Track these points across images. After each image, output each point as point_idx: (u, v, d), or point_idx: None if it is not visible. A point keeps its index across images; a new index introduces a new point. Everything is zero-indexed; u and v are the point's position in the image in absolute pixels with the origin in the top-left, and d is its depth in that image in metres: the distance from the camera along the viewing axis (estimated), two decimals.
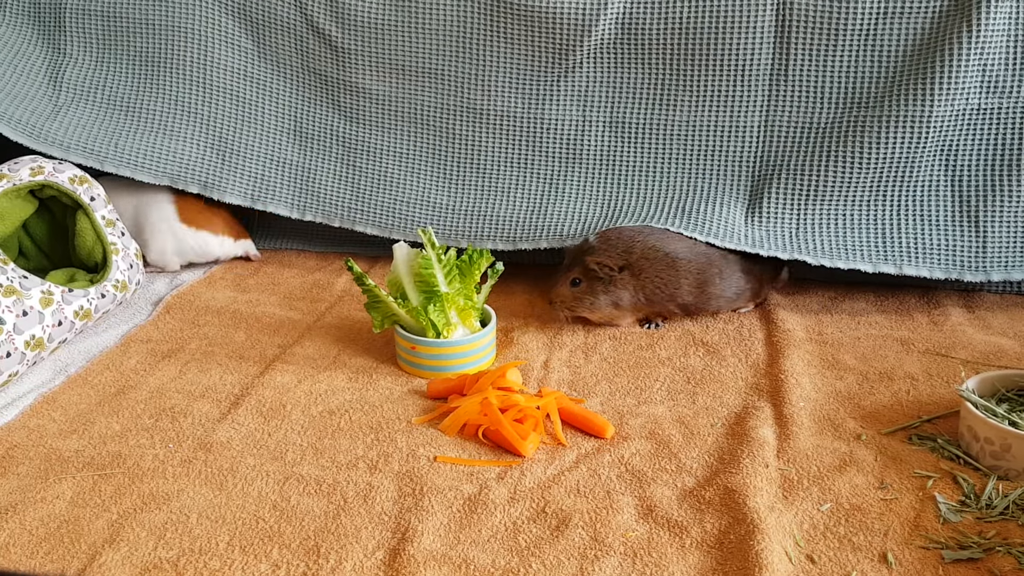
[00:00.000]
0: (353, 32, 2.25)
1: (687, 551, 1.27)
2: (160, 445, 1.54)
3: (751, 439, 1.52)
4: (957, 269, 2.05)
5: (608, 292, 1.90)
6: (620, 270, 1.88)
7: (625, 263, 1.88)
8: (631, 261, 1.89)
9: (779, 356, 1.83)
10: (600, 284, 1.90)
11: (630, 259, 1.89)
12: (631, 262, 1.89)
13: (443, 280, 1.78)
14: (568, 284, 1.91)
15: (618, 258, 1.88)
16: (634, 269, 1.89)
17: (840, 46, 2.04)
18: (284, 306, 2.14)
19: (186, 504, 1.37)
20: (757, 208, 2.15)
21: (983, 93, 2.02)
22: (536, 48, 2.18)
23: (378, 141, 2.33)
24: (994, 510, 1.34)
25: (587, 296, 1.91)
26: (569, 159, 2.25)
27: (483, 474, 1.45)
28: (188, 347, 1.92)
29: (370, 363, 1.85)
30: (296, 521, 1.33)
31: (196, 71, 2.31)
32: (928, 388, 1.71)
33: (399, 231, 2.29)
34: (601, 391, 1.73)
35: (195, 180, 2.30)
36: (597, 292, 1.90)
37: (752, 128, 2.13)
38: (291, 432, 1.58)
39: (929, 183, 2.09)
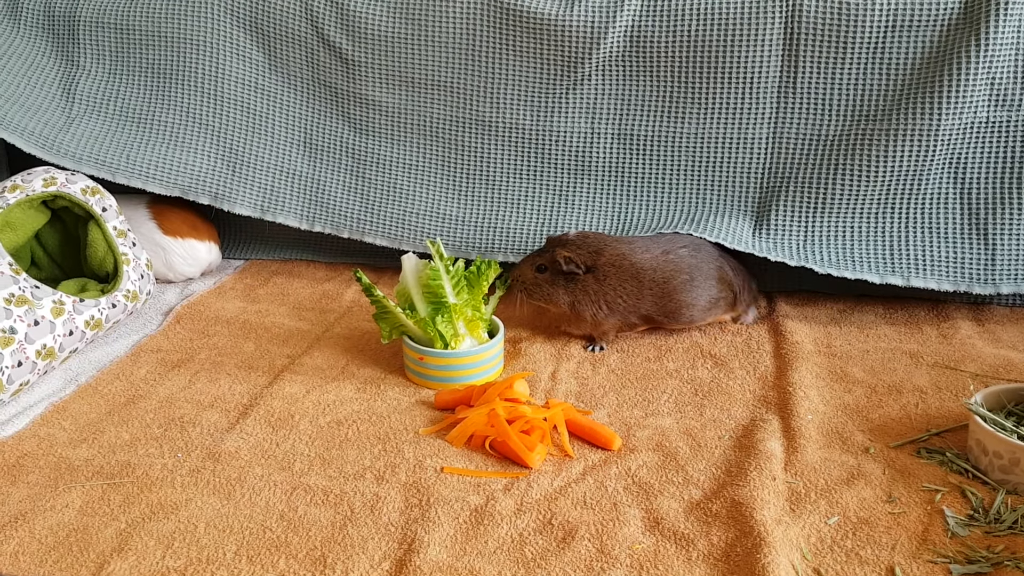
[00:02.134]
0: (363, 44, 2.27)
1: (694, 564, 1.26)
2: (169, 454, 1.55)
3: (758, 452, 1.51)
4: (966, 282, 2.05)
5: (569, 290, 1.87)
6: (587, 270, 1.86)
7: (593, 264, 1.86)
8: (598, 264, 1.86)
9: (787, 368, 1.83)
10: (563, 279, 1.87)
11: (597, 261, 1.86)
12: (598, 265, 1.86)
13: (451, 291, 1.78)
14: (533, 268, 1.88)
15: (587, 257, 1.86)
16: (599, 273, 1.86)
17: (848, 59, 2.04)
18: (293, 316, 2.15)
19: (194, 513, 1.38)
20: (765, 220, 2.16)
21: (992, 106, 2.01)
22: (545, 60, 2.19)
23: (388, 153, 2.35)
24: (1003, 524, 1.33)
25: (547, 286, 1.88)
26: (578, 171, 2.26)
27: (490, 485, 1.45)
28: (198, 357, 1.93)
29: (378, 374, 1.85)
30: (303, 531, 1.34)
31: (207, 83, 2.33)
32: (937, 401, 1.71)
33: (409, 242, 2.30)
34: (608, 403, 1.73)
35: (206, 191, 2.31)
36: (558, 285, 1.87)
37: (760, 140, 2.14)
38: (299, 442, 1.59)
39: (938, 195, 2.09)
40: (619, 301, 1.88)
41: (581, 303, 1.88)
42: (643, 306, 1.89)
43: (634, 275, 1.87)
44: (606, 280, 1.86)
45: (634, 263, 1.87)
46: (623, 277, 1.87)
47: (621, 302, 1.88)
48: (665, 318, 1.93)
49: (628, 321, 1.92)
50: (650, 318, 1.92)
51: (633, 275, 1.87)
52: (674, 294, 1.90)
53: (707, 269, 1.93)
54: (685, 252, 1.92)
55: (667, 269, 1.89)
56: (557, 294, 1.88)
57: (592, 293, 1.87)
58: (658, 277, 1.88)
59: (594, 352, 1.93)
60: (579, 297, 1.87)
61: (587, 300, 1.87)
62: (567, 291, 1.88)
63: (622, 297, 1.87)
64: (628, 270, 1.87)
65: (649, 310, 1.90)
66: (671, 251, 1.91)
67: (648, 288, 1.88)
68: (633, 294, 1.88)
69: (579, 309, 1.89)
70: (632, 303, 1.88)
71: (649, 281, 1.88)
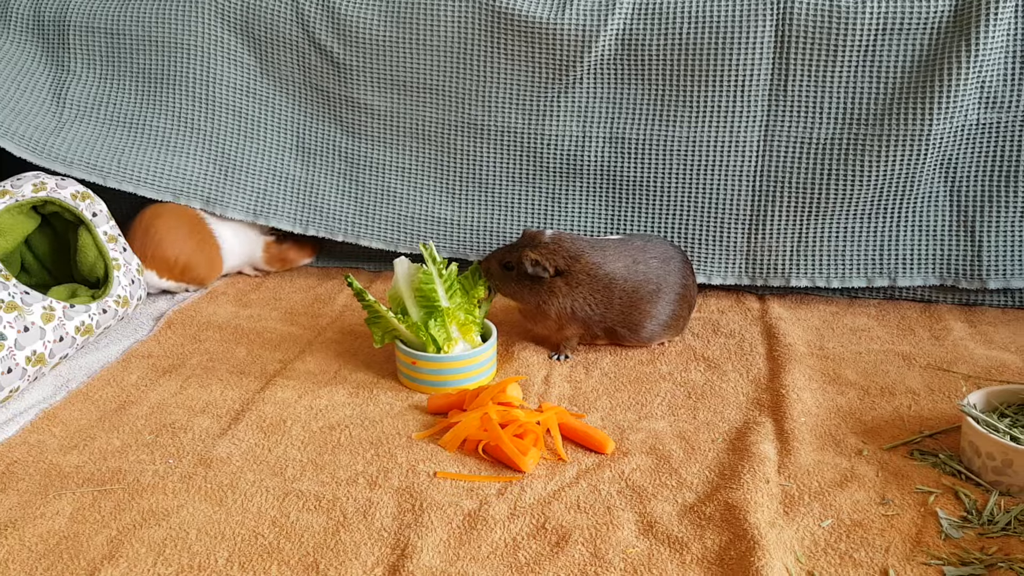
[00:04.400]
0: (355, 48, 2.26)
1: (687, 568, 1.26)
2: (160, 461, 1.54)
3: (752, 454, 1.51)
4: (952, 277, 2.08)
5: (535, 291, 1.84)
6: (556, 273, 1.82)
7: (566, 269, 1.82)
8: (572, 270, 1.83)
9: (780, 371, 1.83)
10: (528, 279, 1.83)
11: (572, 268, 1.83)
12: (572, 271, 1.83)
13: (444, 295, 1.78)
14: (500, 264, 1.85)
15: (560, 262, 1.82)
16: (571, 279, 1.83)
17: (839, 62, 2.05)
18: (285, 321, 2.15)
19: (186, 520, 1.37)
20: (759, 225, 2.17)
21: (982, 108, 2.02)
22: (537, 64, 2.19)
23: (381, 156, 2.34)
24: (996, 526, 1.33)
25: (513, 283, 1.84)
26: (570, 174, 2.26)
27: (483, 490, 1.45)
28: (189, 362, 1.93)
29: (371, 378, 1.85)
30: (295, 537, 1.33)
31: (199, 87, 2.32)
32: (930, 403, 1.71)
33: (405, 245, 2.30)
34: (602, 406, 1.73)
35: (198, 195, 2.31)
36: (524, 286, 1.84)
37: (752, 144, 2.14)
38: (291, 448, 1.58)
39: (929, 196, 2.10)
40: (587, 309, 1.85)
41: (547, 303, 1.84)
42: (610, 316, 1.87)
43: (606, 285, 1.85)
44: (578, 287, 1.83)
45: (607, 273, 1.84)
46: (595, 287, 1.84)
47: (589, 310, 1.85)
48: (627, 331, 1.90)
49: (591, 331, 1.90)
50: (612, 331, 1.90)
51: (605, 285, 1.84)
52: (640, 304, 1.87)
53: (672, 283, 1.91)
54: (655, 263, 1.89)
55: (636, 279, 1.86)
56: (522, 293, 1.85)
57: (561, 295, 1.83)
58: (627, 287, 1.86)
59: (559, 361, 1.92)
60: (544, 298, 1.84)
61: (554, 301, 1.84)
62: (532, 291, 1.84)
63: (591, 306, 1.85)
64: (601, 280, 1.84)
65: (615, 321, 1.88)
66: (641, 261, 1.88)
67: (618, 298, 1.86)
68: (603, 303, 1.85)
69: (545, 308, 1.85)
70: (600, 312, 1.86)
71: (619, 291, 1.86)
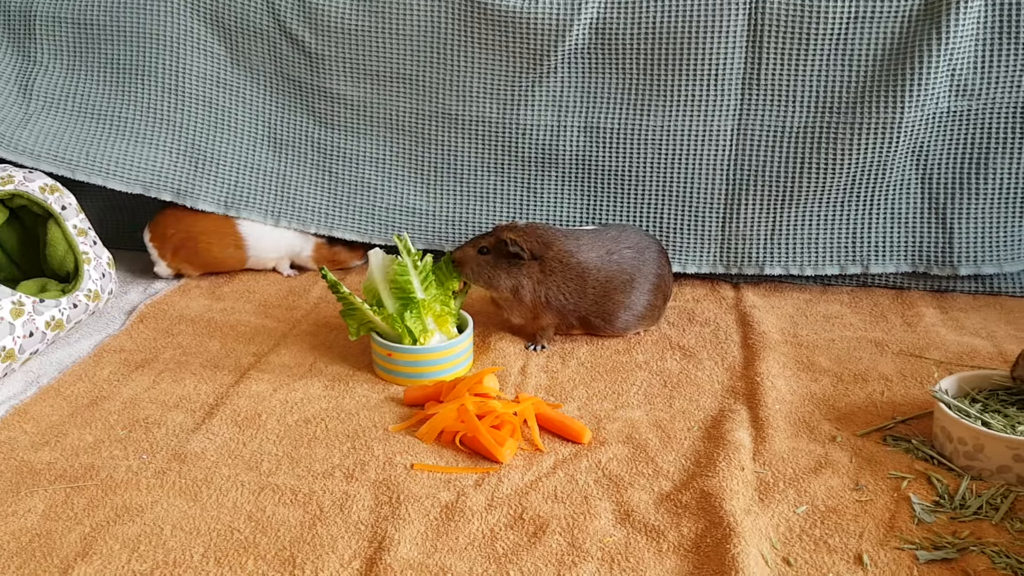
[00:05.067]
0: (326, 38, 2.24)
1: (664, 556, 1.27)
2: (134, 456, 1.52)
3: (727, 442, 1.52)
4: (924, 264, 2.11)
5: (512, 274, 1.83)
6: (532, 257, 1.82)
7: (540, 255, 1.82)
8: (546, 257, 1.83)
9: (755, 359, 1.84)
10: (506, 262, 1.83)
11: (545, 254, 1.83)
12: (545, 258, 1.83)
13: (419, 286, 1.77)
14: (476, 249, 1.84)
15: (535, 246, 1.82)
16: (544, 266, 1.83)
17: (812, 51, 2.06)
18: (259, 314, 2.13)
19: (160, 516, 1.36)
20: (734, 213, 2.18)
21: (953, 96, 2.04)
22: (510, 53, 2.18)
23: (354, 146, 2.33)
24: (968, 510, 1.35)
25: (490, 268, 1.83)
26: (545, 163, 2.25)
27: (460, 481, 1.45)
28: (162, 357, 1.91)
29: (346, 371, 1.84)
30: (271, 531, 1.32)
31: (168, 78, 2.29)
32: (902, 389, 1.73)
33: (378, 235, 2.29)
34: (579, 396, 1.73)
35: (168, 188, 2.28)
36: (501, 268, 1.83)
37: (725, 132, 2.15)
38: (266, 441, 1.57)
39: (900, 184, 2.12)
40: (561, 298, 1.85)
41: (523, 288, 1.84)
42: (584, 305, 1.87)
43: (579, 274, 1.85)
44: (552, 275, 1.84)
45: (580, 262, 1.84)
46: (568, 275, 1.84)
47: (563, 299, 1.85)
48: (601, 321, 1.90)
49: (566, 321, 1.91)
50: (586, 320, 1.91)
51: (578, 274, 1.85)
52: (614, 294, 1.87)
53: (647, 273, 1.91)
54: (629, 253, 1.90)
55: (610, 269, 1.87)
56: (499, 277, 1.83)
57: (536, 282, 1.83)
58: (601, 277, 1.86)
59: (536, 351, 1.92)
60: (522, 282, 1.83)
61: (530, 286, 1.84)
62: (509, 275, 1.83)
63: (565, 295, 1.85)
64: (574, 268, 1.84)
65: (588, 311, 1.88)
66: (615, 251, 1.88)
67: (591, 287, 1.86)
68: (576, 292, 1.85)
69: (521, 294, 1.85)
70: (574, 301, 1.86)
71: (593, 280, 1.86)
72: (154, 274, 2.33)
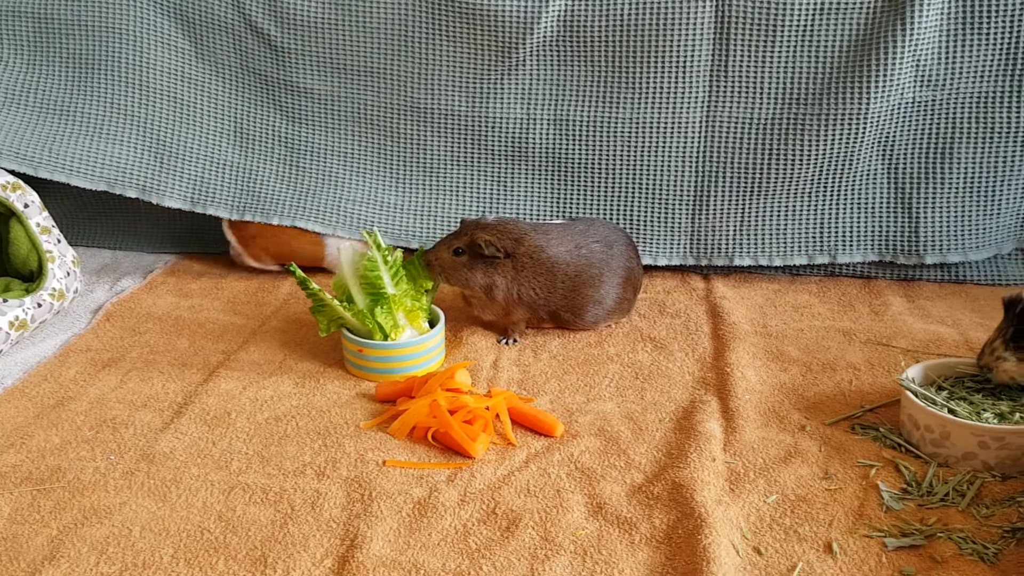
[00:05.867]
0: (293, 32, 2.22)
1: (636, 547, 1.27)
2: (101, 457, 1.51)
3: (698, 433, 1.53)
4: (891, 253, 2.14)
5: (487, 273, 1.83)
6: (506, 255, 1.83)
7: (513, 252, 1.83)
8: (517, 253, 1.83)
9: (725, 349, 1.85)
10: (481, 262, 1.83)
11: (517, 250, 1.83)
12: (517, 254, 1.83)
13: (390, 282, 1.76)
14: (450, 251, 1.84)
15: (508, 244, 1.82)
16: (517, 262, 1.84)
17: (778, 42, 2.07)
18: (228, 311, 2.11)
19: (128, 517, 1.35)
20: (703, 204, 2.19)
21: (917, 86, 2.06)
22: (479, 46, 2.17)
23: (322, 141, 2.30)
24: (935, 497, 1.37)
25: (464, 269, 1.84)
26: (515, 157, 2.25)
27: (433, 477, 1.44)
28: (129, 355, 1.88)
29: (317, 367, 1.83)
30: (242, 531, 1.31)
31: (132, 73, 2.25)
32: (870, 378, 1.75)
33: (343, 228, 2.26)
34: (551, 389, 1.73)
35: (133, 184, 2.25)
36: (476, 268, 1.83)
37: (694, 124, 2.15)
38: (236, 440, 1.56)
39: (867, 174, 2.14)
40: (532, 293, 1.86)
41: (497, 286, 1.84)
42: (554, 300, 1.88)
43: (549, 268, 1.85)
44: (522, 271, 1.84)
45: (550, 256, 1.85)
46: (539, 270, 1.85)
47: (534, 294, 1.86)
48: (571, 315, 1.91)
49: (537, 315, 1.91)
50: (556, 314, 1.91)
51: (548, 268, 1.85)
52: (583, 288, 1.88)
53: (616, 267, 1.92)
54: (597, 247, 1.90)
55: (579, 264, 1.87)
56: (474, 277, 1.84)
57: (508, 279, 1.84)
58: (570, 271, 1.87)
59: (508, 345, 1.92)
60: (496, 280, 1.84)
61: (503, 283, 1.84)
62: (484, 274, 1.84)
63: (535, 289, 1.86)
64: (544, 263, 1.85)
65: (558, 305, 1.89)
66: (584, 245, 1.89)
67: (561, 282, 1.87)
68: (546, 287, 1.86)
69: (494, 293, 1.85)
70: (544, 296, 1.87)
71: (562, 275, 1.86)
72: (118, 273, 2.30)
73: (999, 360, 1.50)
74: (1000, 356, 1.50)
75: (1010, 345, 1.49)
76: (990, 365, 1.51)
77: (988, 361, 1.52)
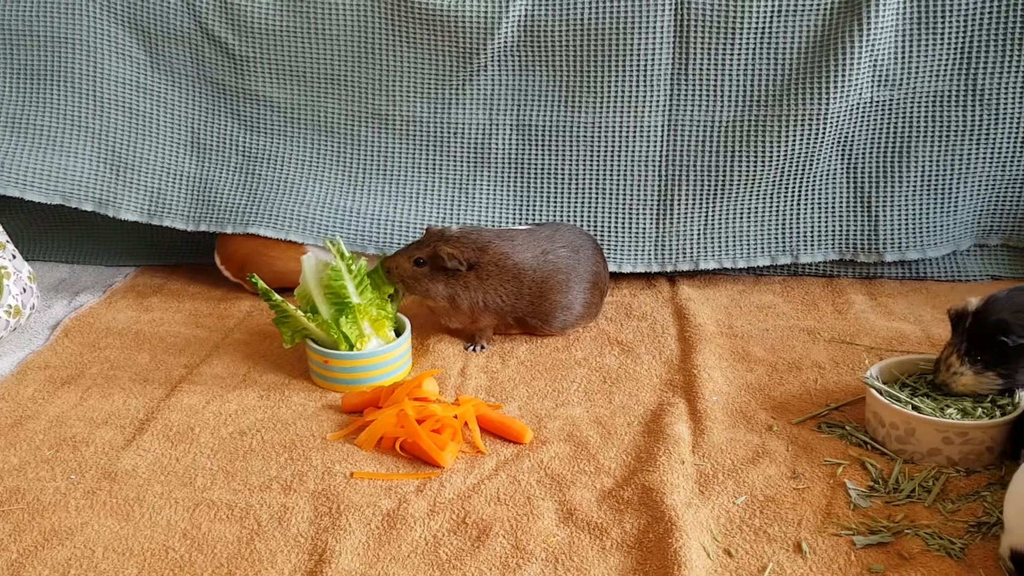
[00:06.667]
0: (251, 40, 2.19)
1: (608, 553, 1.27)
2: (62, 477, 1.47)
3: (667, 436, 1.53)
4: (851, 251, 2.17)
5: (449, 285, 1.83)
6: (469, 267, 1.82)
7: (476, 262, 1.82)
8: (481, 262, 1.83)
9: (691, 351, 1.86)
10: (443, 274, 1.82)
11: (480, 259, 1.83)
12: (481, 263, 1.83)
13: (354, 291, 1.74)
14: (411, 261, 1.83)
15: (471, 255, 1.82)
16: (481, 272, 1.83)
17: (737, 44, 2.08)
18: (190, 324, 2.08)
19: (91, 538, 1.32)
20: (667, 209, 2.19)
21: (875, 86, 2.09)
22: (439, 52, 2.16)
23: (280, 149, 2.27)
24: (901, 493, 1.38)
25: (425, 280, 1.83)
26: (477, 163, 2.24)
27: (402, 488, 1.43)
28: (89, 372, 1.85)
29: (282, 379, 1.80)
30: (208, 549, 1.29)
31: (85, 83, 2.21)
32: (835, 376, 1.76)
33: (298, 232, 2.20)
34: (519, 395, 1.72)
35: (89, 197, 2.21)
36: (438, 280, 1.83)
37: (656, 128, 2.16)
38: (200, 456, 1.53)
39: (827, 173, 2.16)
40: (498, 300, 1.85)
41: (460, 297, 1.84)
42: (521, 306, 1.87)
43: (515, 275, 1.85)
44: (488, 279, 1.83)
45: (516, 263, 1.84)
46: (505, 277, 1.84)
47: (500, 301, 1.85)
48: (539, 321, 1.91)
49: (504, 321, 1.91)
50: (524, 321, 1.91)
51: (515, 275, 1.85)
52: (550, 294, 1.87)
53: (583, 272, 1.92)
54: (564, 252, 1.90)
55: (546, 269, 1.87)
56: (436, 288, 1.83)
57: (472, 289, 1.83)
58: (537, 277, 1.86)
59: (475, 352, 1.91)
60: (458, 291, 1.83)
61: (467, 294, 1.83)
62: (446, 285, 1.83)
63: (502, 297, 1.85)
64: (510, 270, 1.84)
65: (525, 311, 1.88)
66: (551, 251, 1.88)
67: (528, 288, 1.86)
68: (513, 294, 1.85)
69: (458, 302, 1.85)
70: (511, 303, 1.86)
71: (529, 281, 1.86)
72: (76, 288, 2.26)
73: (955, 375, 1.50)
74: (956, 372, 1.50)
75: (965, 360, 1.49)
76: (947, 382, 1.51)
77: (945, 378, 1.51)
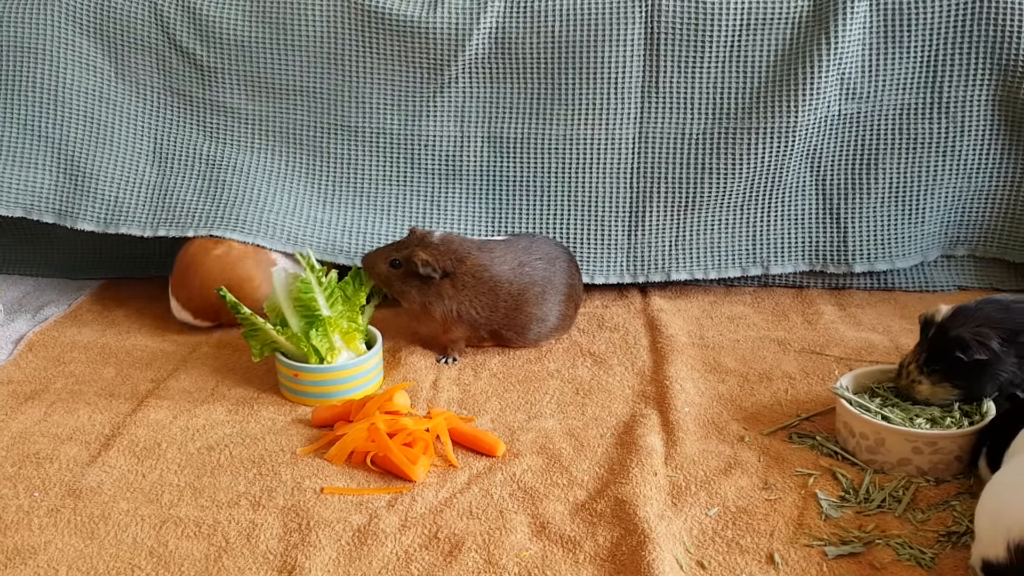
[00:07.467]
0: (219, 51, 2.17)
1: (581, 566, 1.26)
2: (24, 494, 1.44)
3: (639, 447, 1.53)
4: (821, 262, 2.19)
5: (423, 291, 1.82)
6: (443, 275, 1.81)
7: (453, 271, 1.82)
8: (458, 272, 1.82)
9: (663, 362, 1.86)
10: (417, 279, 1.82)
11: (458, 269, 1.82)
12: (458, 273, 1.82)
13: (324, 303, 1.73)
14: (387, 262, 1.82)
15: (448, 263, 1.81)
16: (457, 281, 1.83)
17: (707, 57, 2.09)
18: (156, 337, 2.05)
19: (54, 557, 1.29)
20: (639, 221, 2.19)
21: (843, 99, 2.11)
22: (410, 64, 2.15)
23: (247, 160, 2.22)
24: (872, 503, 1.39)
25: (399, 283, 1.82)
26: (449, 175, 2.23)
27: (373, 503, 1.41)
28: (53, 387, 1.81)
29: (251, 393, 1.78)
30: (175, 567, 1.27)
31: (46, 93, 2.16)
32: (805, 387, 1.77)
33: (264, 237, 2.14)
34: (491, 408, 1.72)
35: (50, 210, 2.16)
36: (412, 285, 1.82)
37: (627, 140, 2.16)
38: (167, 472, 1.50)
39: (796, 185, 2.18)
40: (472, 312, 1.84)
41: (433, 305, 1.83)
42: (495, 319, 1.87)
43: (492, 288, 1.84)
44: (463, 290, 1.83)
45: (493, 275, 1.84)
46: (481, 290, 1.83)
47: (475, 313, 1.85)
48: (514, 334, 1.90)
49: (477, 334, 1.90)
50: (498, 333, 1.90)
51: (491, 288, 1.84)
52: (525, 307, 1.87)
53: (558, 284, 1.92)
54: (540, 264, 1.90)
55: (522, 282, 1.86)
56: (410, 292, 1.83)
57: (447, 298, 1.82)
58: (513, 290, 1.86)
59: (447, 364, 1.90)
60: (431, 299, 1.82)
61: (440, 303, 1.83)
62: (420, 291, 1.82)
63: (476, 309, 1.84)
64: (487, 283, 1.84)
65: (500, 324, 1.88)
66: (527, 263, 1.88)
67: (503, 301, 1.86)
68: (488, 306, 1.85)
69: (431, 310, 1.84)
70: (486, 316, 1.85)
71: (505, 294, 1.85)
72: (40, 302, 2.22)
73: (914, 383, 1.52)
74: (915, 379, 1.52)
75: (924, 369, 1.52)
76: (907, 388, 1.54)
77: (905, 384, 1.54)
